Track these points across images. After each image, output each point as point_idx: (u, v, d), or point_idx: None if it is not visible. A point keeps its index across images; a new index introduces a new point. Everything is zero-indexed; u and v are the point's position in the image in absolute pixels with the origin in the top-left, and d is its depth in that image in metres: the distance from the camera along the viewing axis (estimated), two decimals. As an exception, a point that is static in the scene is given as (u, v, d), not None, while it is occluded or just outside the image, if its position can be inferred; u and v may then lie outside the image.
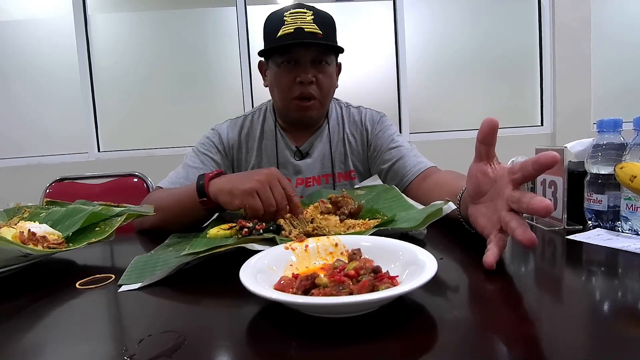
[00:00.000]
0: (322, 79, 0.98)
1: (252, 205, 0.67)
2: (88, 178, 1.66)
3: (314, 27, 0.94)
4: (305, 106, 0.99)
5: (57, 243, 0.61)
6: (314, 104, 1.00)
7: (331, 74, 1.01)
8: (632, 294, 0.42)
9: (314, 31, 0.94)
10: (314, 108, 1.00)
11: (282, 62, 0.97)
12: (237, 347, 0.35)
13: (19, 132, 2.68)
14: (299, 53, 0.95)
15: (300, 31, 0.93)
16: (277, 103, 1.05)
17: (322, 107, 1.03)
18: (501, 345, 0.33)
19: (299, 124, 1.07)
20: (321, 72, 0.98)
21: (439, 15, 2.82)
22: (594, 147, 0.67)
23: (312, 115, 1.02)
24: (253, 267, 0.44)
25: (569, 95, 2.76)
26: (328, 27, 0.97)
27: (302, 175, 1.07)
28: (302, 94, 0.97)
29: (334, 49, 0.99)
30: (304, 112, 1.00)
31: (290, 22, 0.94)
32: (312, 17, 0.95)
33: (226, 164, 1.07)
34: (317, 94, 0.99)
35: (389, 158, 1.03)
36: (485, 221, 0.54)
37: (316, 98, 0.99)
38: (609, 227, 0.65)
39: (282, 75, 0.98)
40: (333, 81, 1.03)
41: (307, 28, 0.93)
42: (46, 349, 0.36)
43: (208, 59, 2.75)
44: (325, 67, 0.99)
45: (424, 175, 0.94)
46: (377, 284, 0.38)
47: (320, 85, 0.98)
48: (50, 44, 2.65)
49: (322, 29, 0.95)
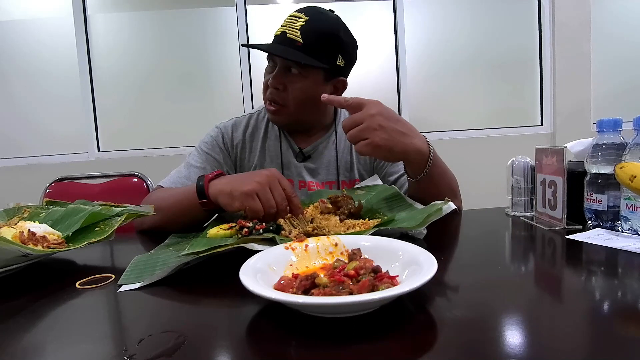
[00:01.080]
0: (290, 87, 0.95)
1: (252, 207, 0.66)
2: (88, 178, 1.66)
3: (297, 34, 0.91)
4: (272, 110, 0.98)
5: (57, 243, 0.61)
6: (280, 110, 0.97)
7: (305, 85, 0.94)
8: (632, 294, 0.42)
9: (294, 38, 0.91)
10: (280, 114, 0.98)
11: (268, 62, 0.99)
12: (237, 347, 0.35)
13: (19, 132, 2.68)
14: (275, 57, 0.95)
15: (283, 36, 0.92)
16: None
17: (293, 115, 0.98)
18: (501, 345, 0.33)
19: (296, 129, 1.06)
20: (290, 81, 0.95)
21: (439, 15, 2.82)
22: (593, 147, 0.67)
23: (279, 120, 1.00)
24: (253, 267, 0.44)
25: (569, 95, 2.76)
26: (316, 37, 0.92)
27: (304, 178, 1.06)
28: (270, 97, 0.97)
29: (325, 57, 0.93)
30: (271, 115, 1.00)
31: (284, 24, 0.95)
32: (302, 24, 0.92)
33: (229, 163, 1.06)
34: (285, 101, 0.96)
35: (395, 171, 1.03)
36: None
37: (282, 105, 0.96)
38: (608, 227, 0.65)
39: (265, 72, 1.00)
40: (307, 92, 0.95)
41: (289, 33, 0.92)
42: (46, 349, 0.36)
43: (208, 59, 2.75)
44: (296, 77, 0.94)
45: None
46: (377, 284, 0.38)
47: (288, 93, 0.95)
48: (50, 44, 2.65)
49: (308, 37, 0.90)
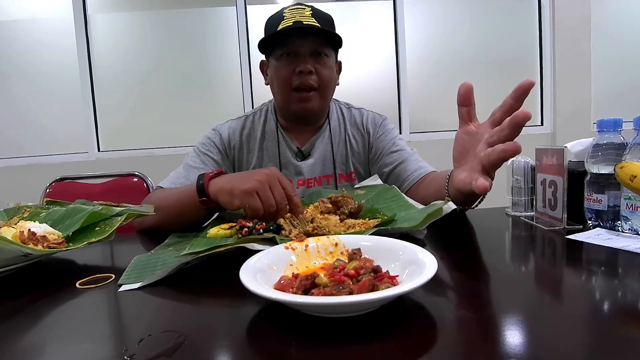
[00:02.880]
0: (322, 70, 0.98)
1: (252, 205, 0.67)
2: (88, 178, 1.66)
3: (313, 20, 0.95)
4: (305, 97, 0.99)
5: (57, 243, 0.61)
6: (314, 95, 1.00)
7: (331, 66, 1.01)
8: (632, 294, 0.42)
9: (313, 24, 0.95)
10: (313, 99, 1.00)
11: (281, 55, 0.98)
12: (237, 347, 0.35)
13: (19, 132, 2.68)
14: (298, 43, 0.96)
15: (299, 24, 0.94)
16: (277, 97, 1.04)
17: (322, 100, 1.02)
18: (501, 345, 0.33)
19: (300, 120, 1.06)
20: (320, 64, 0.98)
21: (439, 15, 2.82)
22: (594, 146, 0.67)
23: (312, 107, 1.01)
24: (253, 267, 0.44)
25: (569, 95, 2.76)
26: (326, 22, 0.98)
27: (303, 177, 1.07)
28: (302, 84, 0.97)
29: (333, 40, 0.99)
30: (304, 104, 1.00)
31: (289, 16, 0.96)
32: (310, 12, 0.96)
33: (227, 164, 1.07)
34: (317, 85, 0.99)
35: (390, 162, 1.03)
36: (467, 170, 0.58)
37: (316, 89, 0.99)
38: (609, 226, 0.65)
39: (281, 67, 0.98)
40: (333, 74, 1.03)
41: (305, 21, 0.95)
42: (46, 349, 0.36)
43: (208, 59, 2.75)
44: (325, 59, 0.99)
45: (424, 180, 0.95)
46: (377, 284, 0.38)
47: (320, 76, 0.98)
48: (50, 44, 2.65)
49: (320, 22, 0.96)
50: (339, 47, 1.03)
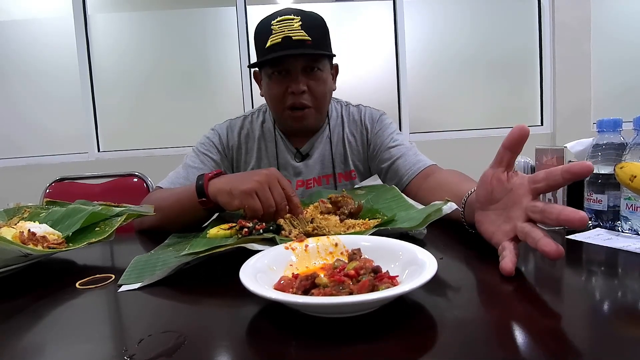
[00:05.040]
0: (315, 86, 0.96)
1: (252, 206, 0.67)
2: (88, 178, 1.66)
3: (302, 33, 0.90)
4: (298, 116, 0.97)
5: (57, 243, 0.61)
6: (308, 113, 0.98)
7: (325, 79, 0.98)
8: (632, 294, 0.42)
9: (302, 38, 0.90)
10: (308, 116, 0.98)
11: (272, 73, 0.95)
12: (237, 347, 0.35)
13: (19, 132, 2.68)
14: (289, 63, 0.93)
15: (288, 40, 0.90)
16: (273, 113, 1.04)
17: (318, 114, 1.01)
18: (501, 345, 0.33)
19: (297, 133, 1.06)
20: (313, 80, 0.95)
21: (439, 15, 2.83)
22: (593, 147, 0.67)
23: (308, 124, 1.00)
24: (253, 267, 0.44)
25: (569, 95, 2.76)
26: (317, 31, 0.93)
27: (302, 177, 1.07)
28: (294, 104, 0.96)
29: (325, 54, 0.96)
30: (299, 122, 0.99)
31: (277, 30, 0.91)
32: (299, 23, 0.91)
33: (226, 164, 1.07)
34: (311, 102, 0.97)
35: (389, 157, 1.03)
36: (494, 228, 0.52)
37: (310, 106, 0.97)
38: (609, 226, 0.65)
39: (273, 86, 0.96)
40: (327, 86, 0.99)
41: (294, 36, 0.90)
42: (46, 349, 0.36)
43: (208, 59, 2.75)
44: (318, 74, 0.96)
45: (424, 174, 0.94)
46: (377, 284, 0.38)
47: (314, 93, 0.96)
48: (50, 44, 2.66)
49: (311, 33, 0.91)
50: (333, 56, 1.00)
